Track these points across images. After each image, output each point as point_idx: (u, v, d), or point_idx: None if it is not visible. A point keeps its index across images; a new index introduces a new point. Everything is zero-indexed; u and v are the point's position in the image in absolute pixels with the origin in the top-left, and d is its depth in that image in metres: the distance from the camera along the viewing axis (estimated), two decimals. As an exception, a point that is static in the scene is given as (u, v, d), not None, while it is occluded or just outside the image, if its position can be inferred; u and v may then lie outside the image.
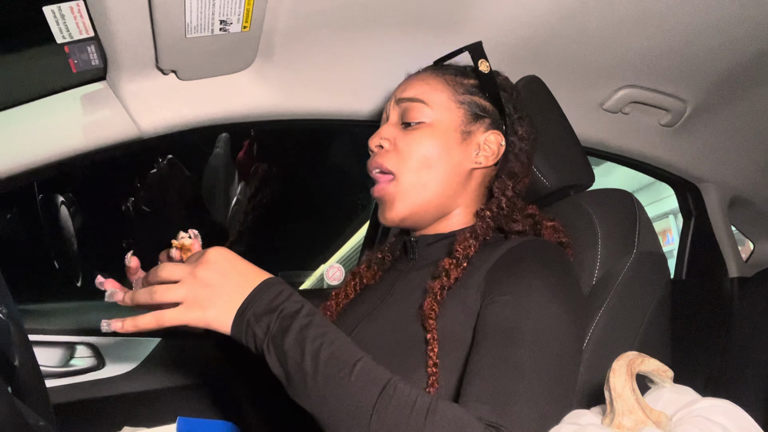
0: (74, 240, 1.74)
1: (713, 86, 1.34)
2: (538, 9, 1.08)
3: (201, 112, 1.11)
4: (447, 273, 0.75)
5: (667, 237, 4.42)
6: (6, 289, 0.73)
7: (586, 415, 0.56)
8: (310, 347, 0.60)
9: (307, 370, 0.59)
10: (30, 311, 1.32)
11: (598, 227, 0.89)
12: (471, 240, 0.79)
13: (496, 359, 0.64)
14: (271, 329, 0.62)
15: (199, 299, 0.64)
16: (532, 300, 0.68)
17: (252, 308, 0.63)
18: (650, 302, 0.89)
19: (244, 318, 0.63)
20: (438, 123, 0.85)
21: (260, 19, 0.97)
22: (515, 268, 0.73)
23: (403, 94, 0.89)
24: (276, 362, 0.61)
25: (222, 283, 0.64)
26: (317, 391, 0.59)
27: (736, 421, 0.50)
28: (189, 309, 0.64)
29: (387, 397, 0.57)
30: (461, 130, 0.86)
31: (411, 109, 0.87)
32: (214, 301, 0.64)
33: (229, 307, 0.64)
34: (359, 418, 0.57)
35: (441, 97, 0.87)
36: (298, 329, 0.61)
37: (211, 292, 0.64)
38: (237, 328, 0.63)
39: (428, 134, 0.85)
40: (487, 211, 0.83)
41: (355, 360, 0.60)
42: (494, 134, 0.87)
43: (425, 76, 0.90)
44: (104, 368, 1.30)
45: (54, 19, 0.90)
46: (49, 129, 1.04)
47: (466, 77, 0.89)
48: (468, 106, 0.87)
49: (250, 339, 0.63)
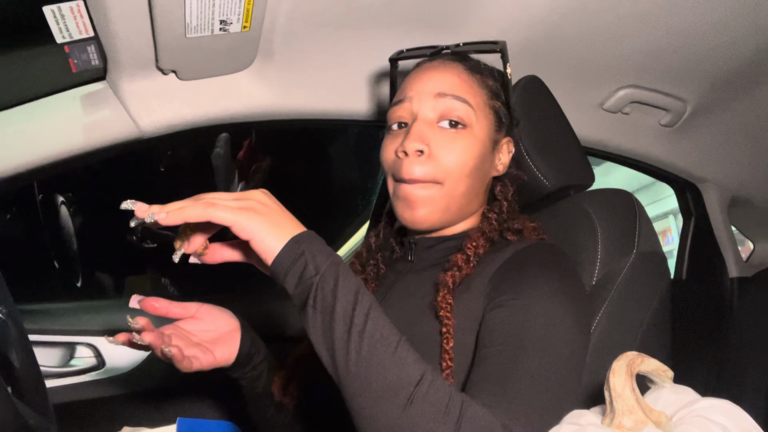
0: (74, 240, 1.74)
1: (713, 86, 1.34)
2: (538, 9, 1.08)
3: (201, 112, 1.11)
4: (459, 267, 0.74)
5: (667, 237, 4.42)
6: (6, 289, 0.73)
7: (586, 415, 0.56)
8: (363, 304, 0.59)
9: (356, 323, 0.57)
10: (30, 311, 1.32)
11: (598, 227, 0.89)
12: (482, 240, 0.78)
13: (504, 365, 0.63)
14: (322, 268, 0.59)
15: (256, 209, 0.61)
16: (538, 305, 0.67)
17: (306, 242, 0.61)
18: (650, 302, 0.89)
19: (298, 247, 0.60)
20: (479, 129, 0.81)
21: (260, 19, 0.97)
22: (521, 272, 0.72)
23: (443, 87, 0.80)
24: (321, 302, 0.59)
25: (277, 210, 0.63)
26: (361, 349, 0.57)
27: (736, 421, 0.50)
28: (244, 213, 0.60)
29: (425, 385, 0.56)
30: (492, 139, 0.84)
31: (455, 108, 0.80)
32: (271, 218, 0.61)
33: (280, 232, 0.61)
34: (396, 395, 0.56)
35: (479, 101, 0.82)
36: (354, 281, 0.60)
37: (268, 210, 0.62)
38: (287, 254, 0.60)
39: (472, 142, 0.80)
40: (493, 213, 0.83)
41: (400, 336, 0.59)
42: (508, 142, 0.87)
43: (458, 70, 0.83)
44: (104, 368, 1.30)
45: (54, 19, 0.90)
46: (49, 129, 1.03)
47: (489, 78, 0.85)
48: (496, 111, 0.84)
49: (297, 269, 0.60)
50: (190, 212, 0.59)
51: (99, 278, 2.67)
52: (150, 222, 0.59)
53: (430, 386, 0.56)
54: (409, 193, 0.80)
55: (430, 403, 0.56)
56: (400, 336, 0.59)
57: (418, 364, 0.58)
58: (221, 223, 0.60)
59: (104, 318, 1.35)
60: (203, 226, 0.66)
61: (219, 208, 0.60)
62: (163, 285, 2.83)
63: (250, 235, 0.60)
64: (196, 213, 0.59)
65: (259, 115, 1.17)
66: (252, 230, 0.60)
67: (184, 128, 1.12)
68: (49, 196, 1.70)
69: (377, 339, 0.57)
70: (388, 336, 0.58)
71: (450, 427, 0.55)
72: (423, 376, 0.57)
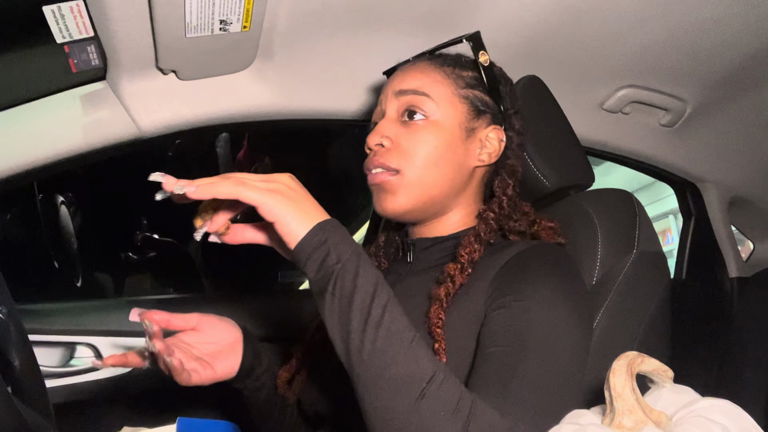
0: (74, 240, 1.73)
1: (713, 86, 1.34)
2: (538, 9, 1.08)
3: (201, 112, 1.11)
4: (452, 279, 0.72)
5: (667, 237, 4.42)
6: (6, 289, 0.73)
7: (586, 415, 0.56)
8: (381, 296, 0.59)
9: (373, 314, 0.58)
10: (30, 311, 1.32)
11: (598, 227, 0.89)
12: (476, 245, 0.75)
13: (507, 366, 0.63)
14: (344, 257, 0.60)
15: (284, 192, 0.61)
16: (540, 306, 0.67)
17: (330, 229, 0.61)
18: (650, 302, 0.89)
19: (322, 234, 0.61)
20: (443, 119, 0.81)
21: (260, 19, 0.97)
22: (523, 273, 0.71)
23: (402, 85, 0.83)
24: (340, 291, 0.59)
25: (303, 195, 0.63)
26: (376, 341, 0.57)
27: (736, 421, 0.50)
28: (272, 195, 0.61)
29: (437, 382, 0.57)
30: (465, 127, 0.82)
31: (413, 102, 0.81)
32: (297, 202, 0.62)
33: (306, 217, 0.61)
34: (408, 389, 0.56)
35: (444, 91, 0.82)
36: (374, 273, 0.61)
37: (294, 194, 0.62)
38: (310, 240, 0.60)
39: (433, 131, 0.80)
40: (490, 212, 0.80)
41: (415, 332, 0.59)
42: (495, 130, 0.84)
43: (424, 67, 0.84)
44: (104, 368, 1.29)
45: (54, 18, 0.90)
46: (49, 129, 1.03)
47: (464, 69, 0.85)
48: (470, 100, 0.83)
49: (319, 256, 0.60)
50: (219, 188, 0.60)
51: (99, 278, 2.67)
52: (178, 194, 0.59)
53: (442, 383, 0.57)
54: (371, 183, 0.82)
55: (441, 400, 0.56)
56: (415, 332, 0.60)
57: (431, 361, 0.58)
58: (249, 202, 0.60)
59: (104, 318, 1.35)
60: (226, 205, 0.67)
61: (249, 188, 0.60)
62: (163, 285, 2.83)
63: (276, 218, 0.60)
64: (227, 190, 0.60)
65: (259, 115, 1.17)
66: (278, 213, 0.60)
67: (184, 128, 1.12)
68: (49, 196, 1.70)
69: (393, 332, 0.58)
70: (403, 330, 0.59)
71: (459, 425, 0.55)
72: (435, 373, 0.57)
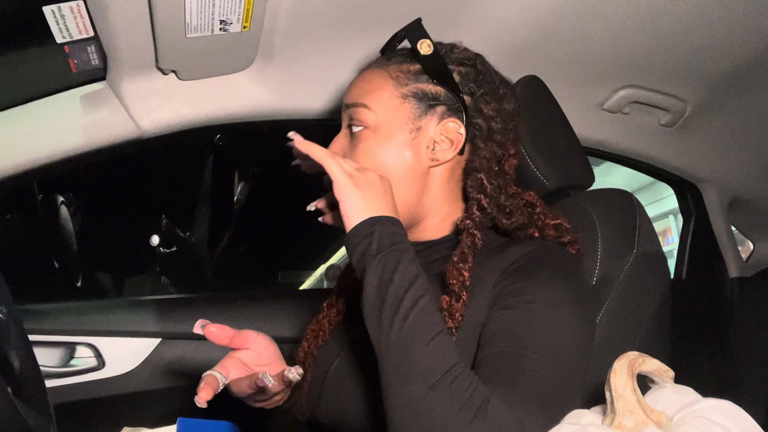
0: (74, 240, 1.74)
1: (713, 86, 1.34)
2: (538, 9, 1.08)
3: (201, 112, 1.11)
4: (451, 315, 0.69)
5: (667, 237, 4.42)
6: (6, 289, 0.73)
7: (586, 415, 0.56)
8: (415, 290, 0.62)
9: (405, 305, 0.61)
10: (30, 311, 1.32)
11: (598, 227, 0.89)
12: (461, 265, 0.70)
13: (510, 367, 0.63)
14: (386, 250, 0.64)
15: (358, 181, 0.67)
16: (544, 308, 0.67)
17: (383, 224, 0.65)
18: (650, 302, 0.89)
19: (373, 226, 0.65)
20: (382, 126, 0.76)
21: (260, 19, 0.97)
22: (527, 275, 0.70)
23: (347, 98, 0.80)
24: (375, 278, 0.63)
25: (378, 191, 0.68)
26: (402, 329, 0.60)
27: (737, 422, 0.50)
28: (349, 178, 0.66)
29: (453, 375, 0.58)
30: (410, 128, 0.76)
31: (354, 115, 0.78)
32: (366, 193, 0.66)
33: (368, 207, 0.66)
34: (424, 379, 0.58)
35: (382, 96, 0.77)
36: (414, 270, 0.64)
37: (369, 186, 0.67)
38: (361, 229, 0.65)
39: (373, 142, 0.76)
40: (467, 220, 0.73)
41: (442, 328, 0.62)
42: (451, 122, 0.77)
43: (368, 74, 0.80)
44: (104, 368, 1.29)
45: (54, 19, 0.90)
46: (49, 129, 1.04)
47: (411, 63, 0.79)
48: (414, 97, 0.77)
49: (363, 244, 0.64)
50: (315, 150, 0.68)
51: (99, 278, 2.67)
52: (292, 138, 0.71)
53: (457, 377, 0.58)
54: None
55: (453, 392, 0.57)
56: (442, 328, 0.61)
57: (451, 356, 0.60)
58: (329, 173, 0.66)
59: (104, 318, 1.35)
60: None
61: (335, 162, 0.67)
62: (163, 284, 2.83)
63: (341, 198, 0.66)
64: (320, 154, 0.68)
65: (259, 115, 1.17)
66: (344, 194, 0.66)
67: (184, 128, 1.12)
68: (49, 196, 1.70)
69: (419, 324, 0.60)
70: (429, 325, 0.61)
71: (466, 418, 0.56)
72: (453, 367, 0.59)
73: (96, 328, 1.32)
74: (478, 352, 0.67)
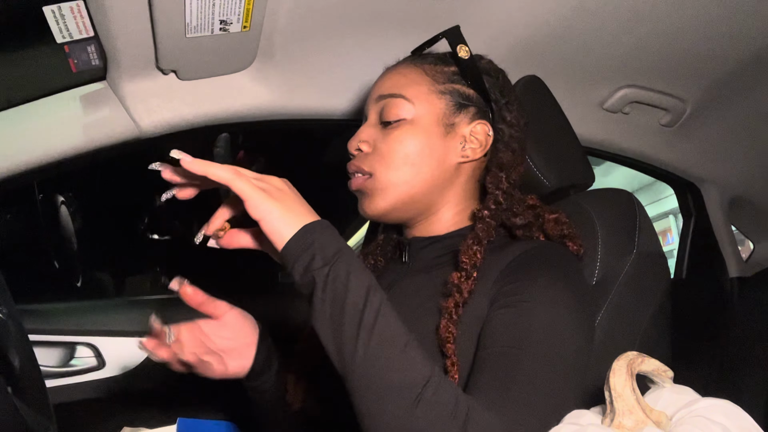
0: (74, 240, 1.74)
1: (713, 86, 1.34)
2: (538, 9, 1.08)
3: (201, 112, 1.11)
4: (459, 289, 0.70)
5: (667, 237, 4.42)
6: (6, 289, 0.73)
7: (586, 415, 0.56)
8: (374, 300, 0.58)
9: (367, 317, 0.57)
10: (30, 311, 1.32)
11: (598, 227, 0.89)
12: (475, 247, 0.73)
13: (507, 368, 0.63)
14: (331, 261, 0.59)
15: (271, 193, 0.62)
16: (543, 307, 0.67)
17: (318, 231, 0.61)
18: (650, 302, 0.89)
19: (309, 236, 0.60)
20: (419, 118, 0.80)
21: (260, 19, 0.97)
22: (527, 273, 0.70)
23: (381, 90, 0.83)
24: (329, 295, 0.59)
25: (293, 197, 0.63)
26: (370, 344, 0.57)
27: (736, 421, 0.50)
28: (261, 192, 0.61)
29: (433, 387, 0.56)
30: (444, 123, 0.81)
31: (390, 105, 0.81)
32: (285, 203, 0.61)
33: (293, 218, 0.61)
34: (403, 395, 0.55)
35: (420, 90, 0.81)
36: (366, 277, 0.60)
37: (282, 195, 0.62)
38: (297, 242, 0.60)
39: (409, 131, 0.79)
40: (485, 210, 0.77)
41: (409, 336, 0.59)
42: (480, 124, 0.82)
43: (402, 68, 0.84)
44: (104, 368, 1.30)
45: (54, 18, 0.90)
46: (49, 129, 1.03)
47: (446, 65, 0.84)
48: (450, 95, 0.82)
49: (305, 258, 0.60)
50: (214, 170, 0.61)
51: (99, 278, 2.67)
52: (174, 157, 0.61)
53: (437, 388, 0.56)
54: (351, 188, 0.84)
55: (438, 405, 0.55)
56: (409, 336, 0.59)
57: (426, 366, 0.57)
58: (239, 193, 0.61)
59: (104, 318, 1.35)
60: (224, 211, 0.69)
61: (243, 179, 0.61)
62: (162, 284, 2.83)
63: (262, 215, 0.61)
64: (222, 174, 0.61)
65: (259, 115, 1.16)
66: (264, 210, 0.60)
67: (184, 128, 1.12)
68: (49, 196, 1.70)
69: (386, 337, 0.57)
70: (397, 335, 0.58)
71: (456, 429, 0.55)
72: (430, 378, 0.56)
73: (96, 328, 1.32)
74: (478, 350, 0.67)
